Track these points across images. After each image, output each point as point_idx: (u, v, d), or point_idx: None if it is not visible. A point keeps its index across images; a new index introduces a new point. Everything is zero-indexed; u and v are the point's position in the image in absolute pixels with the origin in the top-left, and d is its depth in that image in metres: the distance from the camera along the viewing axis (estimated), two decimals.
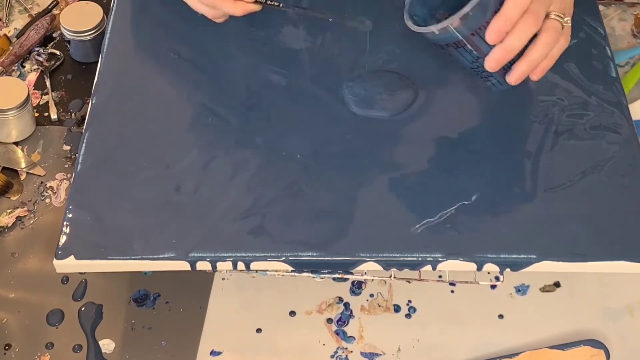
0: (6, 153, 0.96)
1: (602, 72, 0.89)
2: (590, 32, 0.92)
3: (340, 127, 0.84)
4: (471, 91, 0.87)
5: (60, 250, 0.75)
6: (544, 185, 0.79)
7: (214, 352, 0.81)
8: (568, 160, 0.81)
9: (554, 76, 0.88)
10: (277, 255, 0.75)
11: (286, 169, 0.80)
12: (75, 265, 0.75)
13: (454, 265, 0.75)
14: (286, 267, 0.75)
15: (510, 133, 0.84)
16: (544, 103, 0.86)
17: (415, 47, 0.89)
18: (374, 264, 0.75)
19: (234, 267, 0.75)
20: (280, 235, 0.76)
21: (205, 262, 0.75)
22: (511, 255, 0.75)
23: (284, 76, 0.88)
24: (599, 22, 0.94)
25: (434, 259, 0.75)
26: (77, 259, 0.75)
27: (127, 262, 0.75)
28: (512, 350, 0.81)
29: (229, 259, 0.75)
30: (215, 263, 0.75)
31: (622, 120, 0.85)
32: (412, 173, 0.81)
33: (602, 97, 0.87)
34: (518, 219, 0.77)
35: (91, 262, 0.75)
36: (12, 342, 0.82)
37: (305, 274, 0.77)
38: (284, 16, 0.93)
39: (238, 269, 0.75)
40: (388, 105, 0.86)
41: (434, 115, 0.85)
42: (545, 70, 0.77)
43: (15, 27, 1.09)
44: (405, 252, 0.75)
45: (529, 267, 0.75)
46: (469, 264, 0.75)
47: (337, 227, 0.77)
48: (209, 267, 0.75)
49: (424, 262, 0.75)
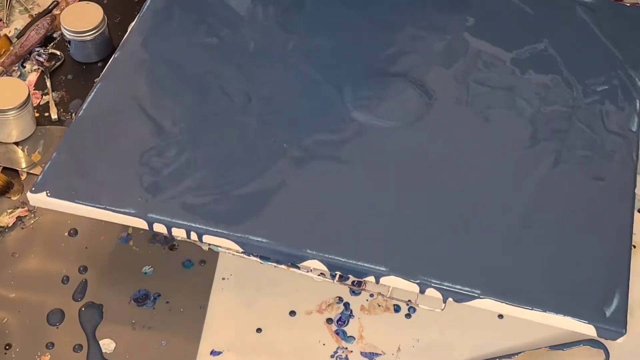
0: (7, 153, 0.96)
1: (623, 123, 0.86)
2: (623, 78, 0.90)
3: (342, 126, 0.84)
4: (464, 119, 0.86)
5: (35, 186, 0.79)
6: (516, 220, 0.77)
7: (214, 352, 0.81)
8: (550, 202, 0.79)
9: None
10: (228, 234, 0.76)
11: (269, 155, 0.82)
12: (45, 202, 0.78)
13: (396, 282, 0.74)
14: (236, 247, 0.77)
15: (505, 159, 0.83)
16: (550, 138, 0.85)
17: (430, 50, 0.92)
18: (318, 262, 0.75)
19: (188, 237, 0.77)
20: (236, 215, 0.77)
21: (161, 225, 0.77)
22: (455, 286, 0.73)
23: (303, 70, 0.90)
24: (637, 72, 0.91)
25: (378, 271, 0.74)
26: (49, 197, 0.78)
27: (91, 209, 0.78)
28: (511, 350, 0.81)
29: (183, 227, 0.77)
30: (171, 228, 0.77)
31: (624, 174, 0.82)
32: (387, 183, 0.80)
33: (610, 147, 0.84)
34: (476, 250, 0.75)
35: (60, 202, 0.78)
36: (13, 342, 0.82)
37: (252, 258, 0.79)
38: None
39: (192, 239, 0.77)
40: (391, 114, 0.86)
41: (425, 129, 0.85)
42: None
43: (15, 27, 1.09)
44: (351, 258, 0.75)
45: (471, 302, 0.73)
46: (411, 284, 0.74)
47: (297, 220, 0.77)
48: (164, 230, 0.77)
49: (368, 272, 0.75)
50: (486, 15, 0.96)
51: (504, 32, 0.94)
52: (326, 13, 0.95)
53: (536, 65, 0.90)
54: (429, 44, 0.92)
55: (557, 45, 0.92)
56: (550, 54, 0.92)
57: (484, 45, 0.92)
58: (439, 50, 0.92)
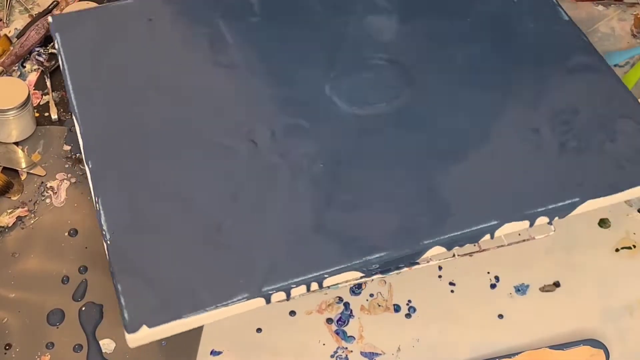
0: (6, 153, 0.96)
1: (556, 18, 0.96)
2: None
3: (345, 126, 0.85)
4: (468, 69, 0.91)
5: (128, 324, 0.70)
6: (556, 136, 0.84)
7: (214, 351, 0.81)
8: (565, 108, 0.87)
9: (514, 32, 0.94)
10: (347, 266, 0.74)
11: (315, 180, 0.80)
12: (150, 334, 0.70)
13: (509, 228, 0.78)
14: (356, 275, 0.75)
15: (503, 97, 0.88)
16: (520, 62, 0.91)
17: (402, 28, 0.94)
18: (438, 247, 0.76)
19: (308, 290, 0.73)
20: (341, 245, 0.75)
21: (280, 293, 0.73)
22: (557, 204, 0.79)
23: (274, 92, 0.88)
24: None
25: (490, 226, 0.77)
26: (150, 327, 0.70)
27: (203, 316, 0.71)
28: (512, 350, 0.81)
29: (302, 283, 0.73)
30: (289, 291, 0.73)
31: (595, 57, 0.92)
32: (438, 154, 0.83)
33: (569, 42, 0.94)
34: (550, 170, 0.82)
35: (166, 326, 0.70)
36: (13, 342, 0.82)
37: (375, 277, 0.77)
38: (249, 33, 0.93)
39: (312, 290, 0.74)
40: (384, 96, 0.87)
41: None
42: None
43: (15, 27, 1.09)
44: (463, 228, 0.77)
45: (577, 209, 0.80)
46: (522, 222, 0.78)
47: (391, 222, 0.77)
48: (283, 297, 0.73)
49: (482, 233, 0.77)
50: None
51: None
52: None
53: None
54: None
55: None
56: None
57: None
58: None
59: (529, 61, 0.91)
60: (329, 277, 0.74)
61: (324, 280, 0.73)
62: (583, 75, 0.90)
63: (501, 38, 0.93)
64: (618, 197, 0.81)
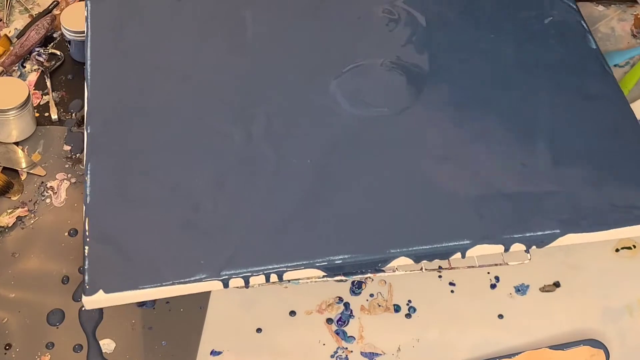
0: (7, 153, 0.96)
1: (582, 45, 0.91)
2: (563, 9, 0.94)
3: (343, 126, 0.84)
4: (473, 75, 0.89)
5: (87, 286, 0.72)
6: (552, 161, 0.81)
7: (214, 352, 0.81)
8: (569, 134, 0.83)
9: (538, 52, 0.90)
10: (310, 263, 0.74)
11: (300, 175, 0.80)
12: (106, 300, 0.72)
13: (482, 250, 0.76)
14: (318, 273, 0.75)
15: (513, 116, 0.85)
16: (535, 81, 0.88)
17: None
18: (405, 258, 0.75)
19: (267, 280, 0.74)
20: (308, 242, 0.75)
21: (238, 279, 0.73)
22: (536, 233, 0.76)
23: (279, 85, 0.88)
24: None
25: (462, 245, 0.75)
26: (107, 293, 0.72)
27: (159, 290, 0.73)
28: (512, 350, 0.81)
29: (261, 273, 0.74)
30: (248, 279, 0.74)
31: (611, 88, 0.87)
32: (424, 166, 0.81)
33: (587, 69, 0.89)
34: (537, 196, 0.78)
35: (122, 294, 0.72)
36: (13, 342, 0.82)
37: (337, 278, 0.77)
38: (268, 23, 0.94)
39: (271, 282, 0.74)
40: (385, 101, 0.86)
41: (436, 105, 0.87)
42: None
43: (15, 27, 1.09)
44: (434, 242, 0.76)
45: (555, 242, 0.76)
46: (496, 246, 0.76)
47: (363, 227, 0.77)
48: (241, 284, 0.74)
49: (454, 250, 0.75)
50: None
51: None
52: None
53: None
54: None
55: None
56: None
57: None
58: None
59: (543, 86, 0.88)
60: (289, 272, 0.74)
61: (284, 274, 0.74)
62: (595, 105, 0.86)
63: (521, 58, 0.90)
64: (602, 236, 0.77)
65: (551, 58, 0.90)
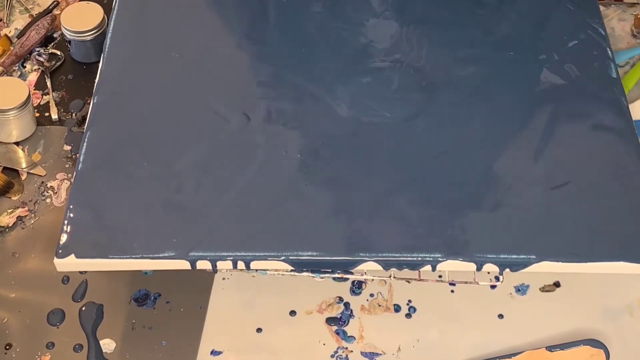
0: (7, 153, 0.96)
1: (603, 72, 0.89)
2: (591, 34, 0.92)
3: (340, 126, 0.84)
4: (475, 94, 0.88)
5: (60, 249, 0.75)
6: (543, 185, 0.79)
7: (214, 351, 0.81)
8: (568, 161, 0.82)
9: (554, 77, 0.88)
10: (277, 255, 0.75)
11: (287, 169, 0.81)
12: (75, 264, 0.75)
13: (453, 266, 0.75)
14: (286, 267, 0.75)
15: (510, 134, 0.84)
16: (545, 105, 0.86)
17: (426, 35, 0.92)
18: (374, 263, 0.75)
19: (234, 267, 0.75)
20: (280, 234, 0.76)
21: (205, 261, 0.75)
22: (510, 256, 0.75)
23: (284, 75, 0.89)
24: (600, 23, 0.94)
25: (433, 259, 0.75)
26: (78, 258, 0.75)
27: (127, 261, 0.75)
28: (512, 350, 0.81)
29: (229, 258, 0.75)
30: (215, 262, 0.75)
31: (622, 121, 0.84)
32: (411, 175, 0.80)
33: (602, 97, 0.87)
34: (518, 219, 0.77)
35: (91, 261, 0.75)
36: (13, 342, 0.82)
37: (305, 274, 0.77)
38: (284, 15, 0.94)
39: (238, 268, 0.75)
40: (391, 107, 0.86)
41: (434, 116, 0.86)
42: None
43: (16, 27, 1.09)
44: (404, 252, 0.75)
45: (529, 268, 0.75)
46: (468, 264, 0.75)
47: (337, 227, 0.77)
48: (209, 266, 0.75)
49: (423, 262, 0.75)
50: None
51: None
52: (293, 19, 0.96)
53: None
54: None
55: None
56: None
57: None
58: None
59: (552, 109, 0.86)
60: (256, 261, 0.75)
61: (251, 262, 0.75)
62: (602, 136, 0.84)
63: (534, 78, 0.89)
64: (578, 267, 0.75)
65: (567, 81, 0.88)
